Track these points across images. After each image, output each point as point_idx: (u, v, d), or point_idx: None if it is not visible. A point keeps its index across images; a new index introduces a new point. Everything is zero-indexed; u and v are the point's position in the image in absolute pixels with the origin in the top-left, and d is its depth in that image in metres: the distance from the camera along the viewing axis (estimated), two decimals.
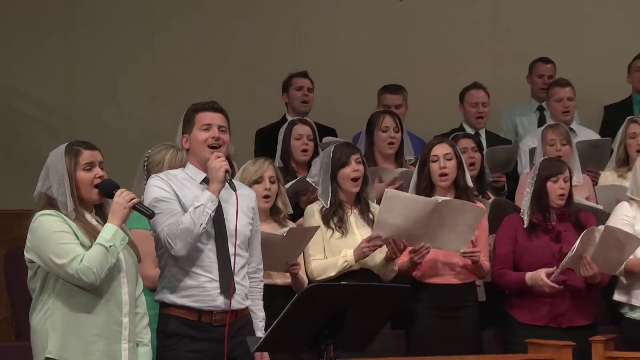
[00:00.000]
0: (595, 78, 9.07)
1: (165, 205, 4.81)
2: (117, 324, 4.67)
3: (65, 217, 4.60)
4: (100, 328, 4.62)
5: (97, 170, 4.66)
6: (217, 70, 9.25)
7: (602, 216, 6.56)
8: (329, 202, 6.11)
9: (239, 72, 9.32)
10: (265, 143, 7.75)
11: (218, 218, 4.87)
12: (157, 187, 4.85)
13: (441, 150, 6.33)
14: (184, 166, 5.06)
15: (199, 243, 4.82)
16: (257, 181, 5.83)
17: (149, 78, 9.27)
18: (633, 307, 6.23)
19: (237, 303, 4.89)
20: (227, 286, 4.84)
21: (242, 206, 4.95)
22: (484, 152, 7.18)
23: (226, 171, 4.82)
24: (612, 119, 8.38)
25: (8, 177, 4.84)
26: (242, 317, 4.95)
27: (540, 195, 6.24)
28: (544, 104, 8.59)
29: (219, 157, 4.83)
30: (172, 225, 4.75)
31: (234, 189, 4.89)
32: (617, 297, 6.31)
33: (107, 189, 4.66)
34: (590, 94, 8.92)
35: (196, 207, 4.75)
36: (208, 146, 4.88)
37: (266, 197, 5.85)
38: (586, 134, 8.11)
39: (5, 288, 5.62)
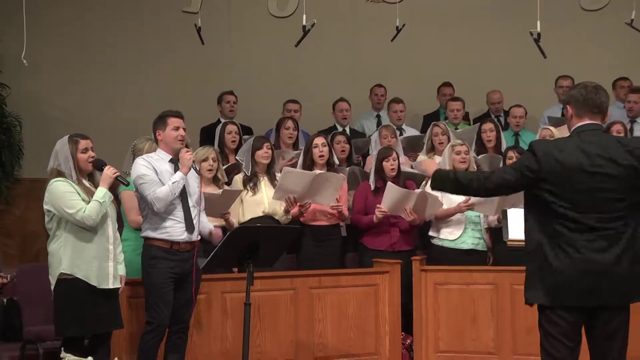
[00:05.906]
0: (419, 96, 9.10)
1: (149, 178, 4.83)
2: (106, 250, 4.72)
3: (71, 182, 4.66)
4: (96, 252, 4.67)
5: (91, 153, 4.73)
6: (177, 88, 9.01)
7: (420, 178, 6.64)
8: (249, 172, 6.14)
9: (191, 89, 9.08)
10: (206, 137, 7.65)
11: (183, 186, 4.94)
12: (143, 166, 4.88)
13: (320, 140, 6.39)
14: (154, 151, 5.09)
15: None
16: (205, 160, 5.85)
17: (138, 93, 9.01)
18: (439, 239, 6.32)
19: (194, 237, 4.95)
20: (190, 226, 4.91)
21: (197, 178, 5.04)
22: (352, 141, 7.13)
23: (193, 161, 4.94)
24: (427, 123, 8.42)
25: (43, 161, 4.90)
26: (197, 245, 4.99)
27: (379, 170, 6.34)
28: (380, 113, 8.62)
29: (188, 152, 4.92)
30: (156, 192, 4.79)
31: (198, 174, 5.03)
32: (431, 232, 6.40)
33: (99, 165, 4.75)
34: (415, 107, 9.02)
35: (173, 182, 4.81)
36: (178, 141, 4.94)
37: (210, 170, 5.88)
38: (411, 131, 8.18)
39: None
